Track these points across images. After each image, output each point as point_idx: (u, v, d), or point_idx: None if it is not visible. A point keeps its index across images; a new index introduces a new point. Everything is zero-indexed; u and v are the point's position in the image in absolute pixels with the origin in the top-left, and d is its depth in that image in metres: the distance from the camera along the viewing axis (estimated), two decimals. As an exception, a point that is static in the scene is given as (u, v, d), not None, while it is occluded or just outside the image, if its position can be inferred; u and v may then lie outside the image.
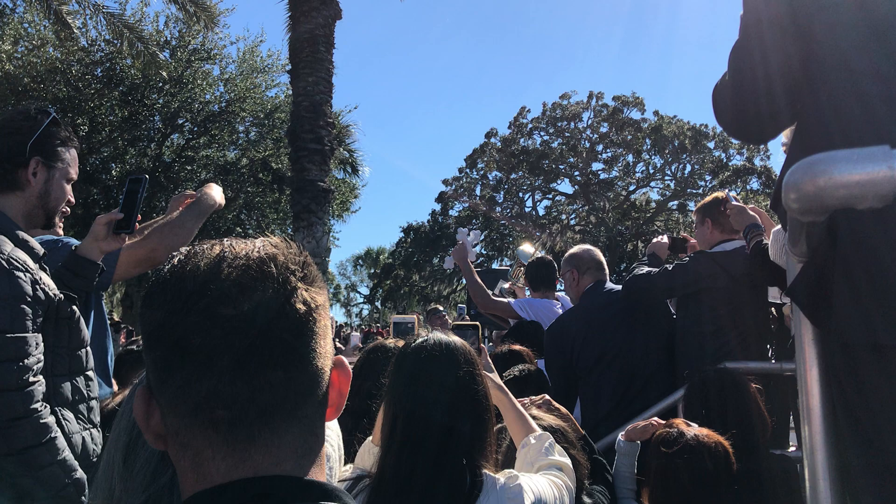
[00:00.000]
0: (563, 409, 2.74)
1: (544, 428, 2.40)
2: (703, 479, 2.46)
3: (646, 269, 4.22)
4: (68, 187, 2.66)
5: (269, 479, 0.91)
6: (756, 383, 2.98)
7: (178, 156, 23.38)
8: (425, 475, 1.91)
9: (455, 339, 2.10)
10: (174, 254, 0.97)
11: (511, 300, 5.42)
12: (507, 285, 7.29)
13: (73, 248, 2.57)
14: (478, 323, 3.25)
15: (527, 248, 7.90)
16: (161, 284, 0.94)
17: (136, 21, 19.26)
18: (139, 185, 2.67)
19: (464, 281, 10.34)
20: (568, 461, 2.25)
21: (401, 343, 2.45)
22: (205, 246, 0.97)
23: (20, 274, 2.18)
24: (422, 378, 2.01)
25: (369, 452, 2.18)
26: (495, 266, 31.37)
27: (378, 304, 40.16)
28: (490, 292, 5.40)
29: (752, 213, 3.75)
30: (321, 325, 0.97)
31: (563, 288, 4.96)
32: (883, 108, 1.41)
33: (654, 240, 4.75)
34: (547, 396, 2.80)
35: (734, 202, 3.92)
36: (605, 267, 4.55)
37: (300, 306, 0.92)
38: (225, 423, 0.89)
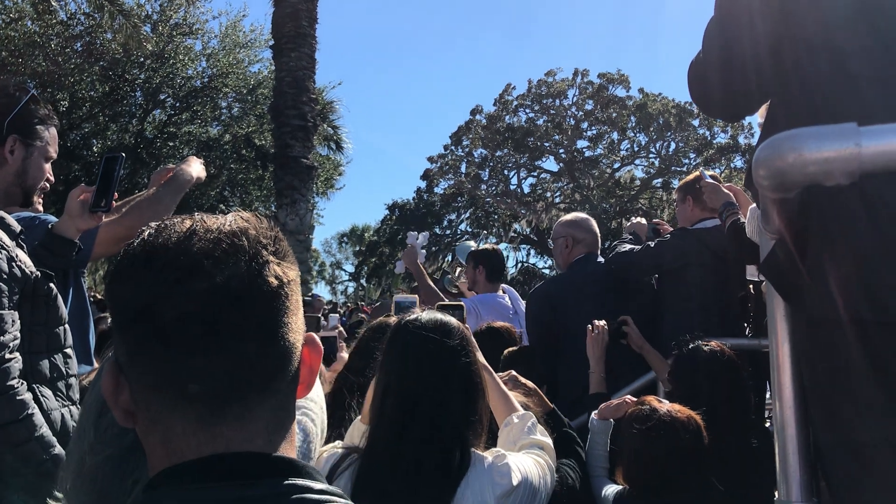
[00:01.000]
0: (529, 384, 2.75)
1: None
2: (677, 454, 2.49)
3: (628, 246, 4.25)
4: (47, 166, 2.63)
5: (240, 456, 0.91)
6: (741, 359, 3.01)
7: (160, 132, 23.16)
8: (415, 449, 1.93)
9: (449, 317, 2.11)
10: (143, 228, 0.97)
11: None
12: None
13: (50, 226, 2.54)
14: (462, 303, 3.26)
15: (468, 243, 7.96)
16: (130, 258, 0.94)
17: (117, -6, 19.01)
18: (115, 163, 2.64)
19: (449, 258, 10.35)
20: (549, 441, 2.27)
21: None
22: (175, 220, 0.96)
23: None
24: (415, 353, 2.03)
25: (358, 431, 2.20)
26: (480, 243, 31.40)
27: (363, 281, 40.14)
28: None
29: (726, 191, 3.77)
30: (293, 301, 0.96)
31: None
32: (870, 88, 1.42)
33: (634, 219, 4.78)
34: (513, 372, 2.81)
35: (708, 180, 3.93)
36: (599, 241, 4.56)
37: (272, 280, 0.92)
38: (197, 398, 0.89)
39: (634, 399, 3.02)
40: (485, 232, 34.99)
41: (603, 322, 3.67)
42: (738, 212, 3.59)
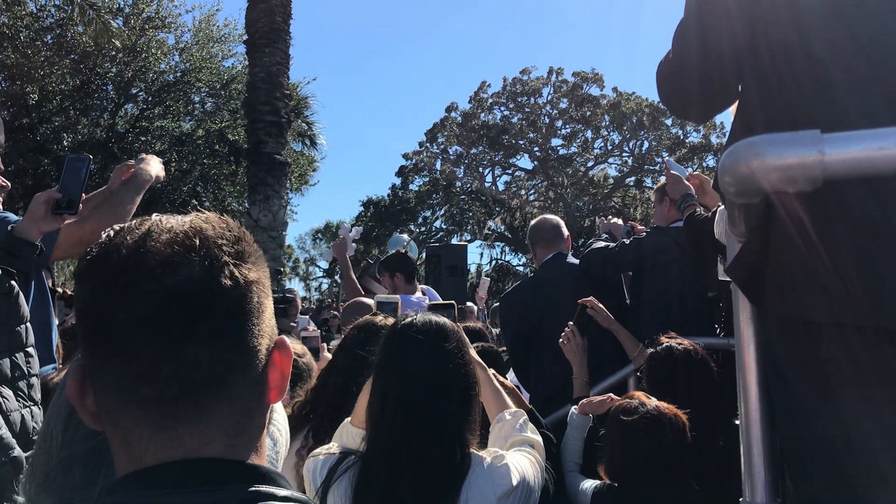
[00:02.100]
0: (508, 383, 2.76)
1: None
2: (662, 450, 2.50)
3: (602, 243, 4.26)
4: None
5: (199, 462, 0.90)
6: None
7: (132, 126, 22.90)
8: (418, 453, 1.92)
9: (444, 318, 2.12)
10: (107, 230, 0.95)
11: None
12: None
13: (10, 227, 2.48)
14: (453, 301, 3.26)
15: (402, 236, 8.09)
16: (89, 260, 0.93)
17: (89, -14, 18.77)
18: (82, 163, 2.59)
19: (423, 255, 10.35)
20: (539, 439, 2.29)
21: (390, 320, 2.51)
22: (135, 222, 0.95)
23: None
24: (415, 358, 2.03)
25: (348, 433, 2.19)
26: (455, 241, 31.44)
27: (337, 278, 39.99)
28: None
29: (687, 182, 3.80)
30: (255, 302, 0.94)
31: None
32: (846, 92, 1.42)
33: (610, 218, 4.79)
34: (492, 372, 2.81)
35: (673, 170, 3.96)
36: (564, 236, 4.45)
37: (227, 282, 0.90)
38: (149, 400, 0.88)
39: (617, 397, 3.04)
40: (459, 229, 34.97)
41: (570, 326, 3.64)
42: (696, 204, 3.62)
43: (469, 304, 9.00)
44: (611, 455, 2.62)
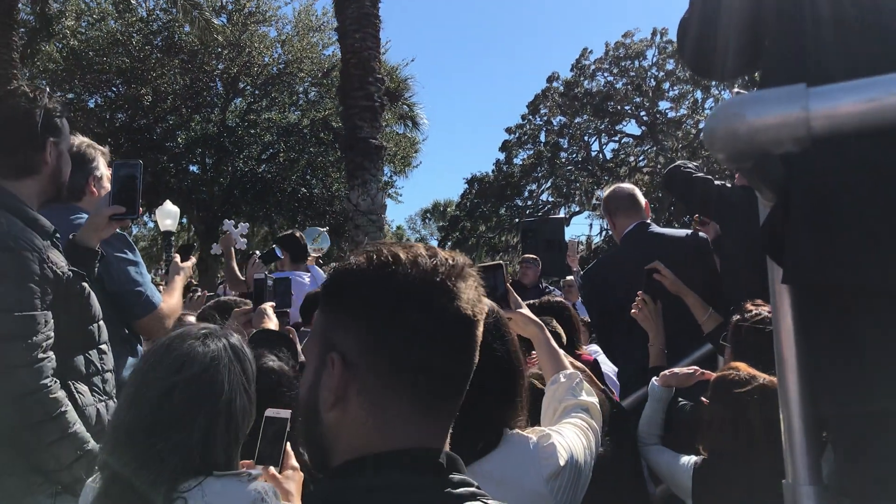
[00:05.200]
0: (577, 363, 2.68)
1: None
2: (772, 424, 2.36)
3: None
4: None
5: (443, 454, 1.07)
6: None
7: (241, 120, 23.70)
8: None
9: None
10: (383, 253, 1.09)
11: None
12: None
13: (72, 235, 2.57)
14: (501, 262, 3.19)
15: (316, 228, 8.46)
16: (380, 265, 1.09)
17: (192, -13, 19.46)
18: (136, 171, 2.66)
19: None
20: (595, 400, 2.20)
21: None
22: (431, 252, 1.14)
23: (27, 254, 2.24)
24: None
25: None
26: (562, 213, 31.06)
27: (446, 256, 40.27)
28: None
29: None
30: None
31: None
32: (861, 38, 1.30)
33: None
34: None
35: None
36: (642, 204, 4.17)
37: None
38: (425, 391, 1.05)
39: (701, 369, 2.92)
40: (566, 201, 34.51)
41: (640, 294, 3.49)
42: None
43: (569, 277, 8.86)
44: (719, 429, 2.49)
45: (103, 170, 3.00)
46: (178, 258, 3.35)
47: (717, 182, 3.81)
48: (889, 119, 0.83)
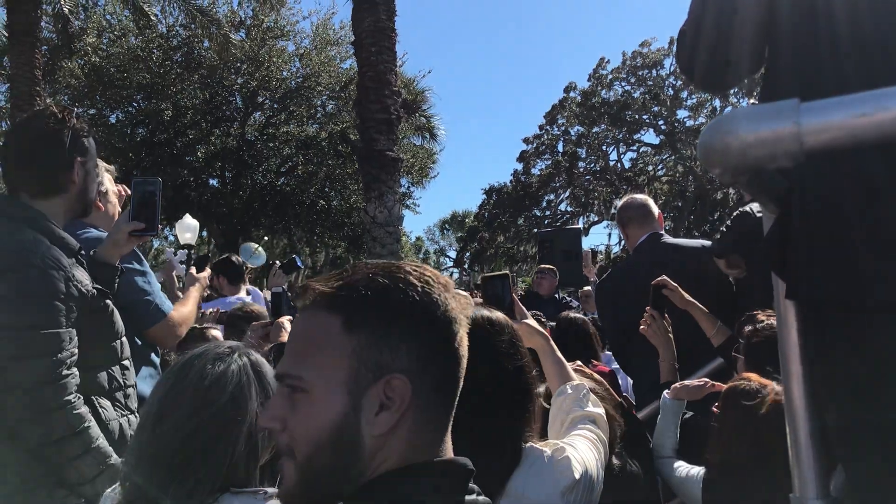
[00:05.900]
0: (596, 375, 2.69)
1: None
2: (781, 435, 2.36)
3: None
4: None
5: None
6: None
7: (260, 134, 23.88)
8: (468, 443, 1.90)
9: (496, 313, 2.06)
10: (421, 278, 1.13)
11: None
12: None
13: (93, 252, 2.61)
14: (507, 272, 3.20)
15: (249, 245, 8.48)
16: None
17: (210, 3, 19.67)
18: (155, 187, 2.71)
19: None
20: (601, 411, 2.20)
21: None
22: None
23: (53, 272, 2.28)
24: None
25: None
26: (581, 223, 31.02)
27: (466, 266, 40.32)
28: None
29: None
30: None
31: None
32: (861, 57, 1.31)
33: None
34: (579, 363, 2.76)
35: None
36: (655, 215, 4.15)
37: None
38: (452, 402, 1.17)
39: (712, 382, 2.91)
40: (584, 211, 34.42)
41: (649, 311, 3.45)
42: None
43: (587, 287, 8.84)
44: (728, 440, 2.49)
45: (108, 185, 3.03)
46: (193, 269, 3.41)
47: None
48: (882, 133, 0.85)
